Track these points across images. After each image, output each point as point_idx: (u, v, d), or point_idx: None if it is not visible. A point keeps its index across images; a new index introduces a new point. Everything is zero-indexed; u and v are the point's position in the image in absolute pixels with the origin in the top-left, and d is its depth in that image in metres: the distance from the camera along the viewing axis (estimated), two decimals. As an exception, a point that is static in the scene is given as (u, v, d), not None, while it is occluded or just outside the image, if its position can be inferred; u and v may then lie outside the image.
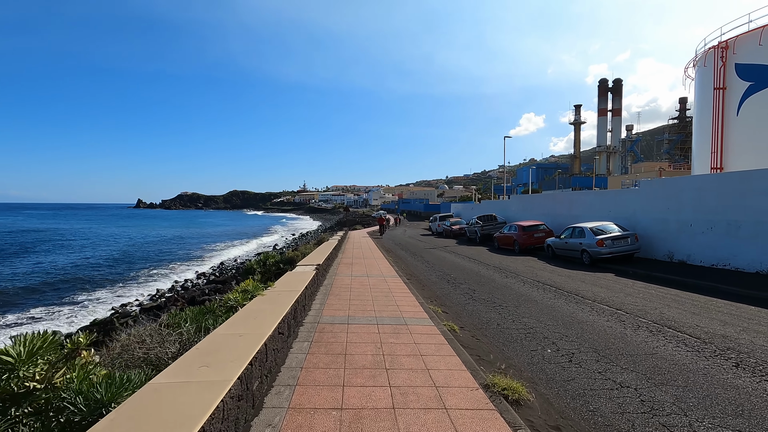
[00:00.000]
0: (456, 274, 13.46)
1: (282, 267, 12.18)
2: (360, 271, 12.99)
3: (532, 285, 11.31)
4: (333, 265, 14.17)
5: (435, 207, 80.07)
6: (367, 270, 13.32)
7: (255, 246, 52.49)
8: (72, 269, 36.41)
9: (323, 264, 10.78)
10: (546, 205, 24.24)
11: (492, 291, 10.51)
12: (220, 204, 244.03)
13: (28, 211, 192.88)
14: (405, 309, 7.67)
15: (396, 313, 7.31)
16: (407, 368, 4.62)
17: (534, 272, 13.75)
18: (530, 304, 8.85)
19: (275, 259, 12.47)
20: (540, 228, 20.74)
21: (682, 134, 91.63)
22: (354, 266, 14.29)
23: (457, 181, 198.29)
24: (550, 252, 18.18)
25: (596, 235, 15.38)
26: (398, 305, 7.99)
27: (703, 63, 25.86)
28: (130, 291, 28.73)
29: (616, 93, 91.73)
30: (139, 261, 41.34)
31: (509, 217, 27.70)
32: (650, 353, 5.63)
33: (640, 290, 10.34)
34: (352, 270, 13.26)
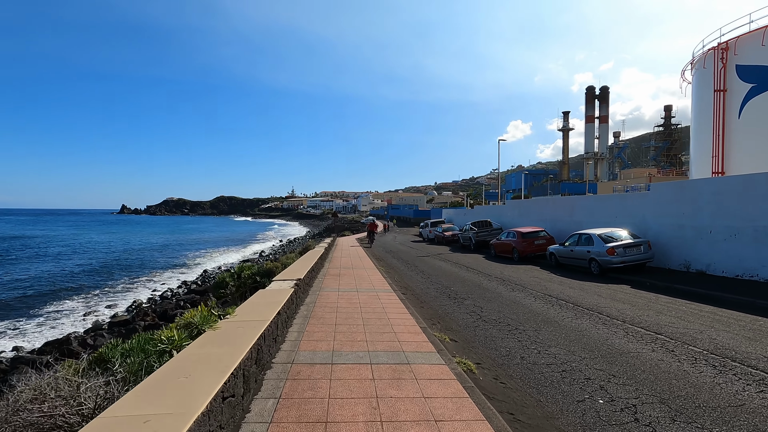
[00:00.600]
0: (457, 287, 11.96)
1: (259, 280, 10.55)
2: (348, 285, 11.42)
3: (544, 300, 9.87)
4: (318, 277, 12.57)
5: (425, 213, 78.82)
6: (356, 283, 11.75)
7: (240, 254, 50.50)
8: (45, 278, 34.15)
9: (305, 278, 9.20)
10: (544, 210, 22.99)
11: (501, 308, 9.03)
12: (207, 210, 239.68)
13: (8, 217, 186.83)
14: (405, 337, 6.13)
15: (394, 344, 5.76)
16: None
17: (541, 284, 12.33)
18: (551, 327, 7.38)
19: (251, 270, 10.84)
20: (540, 235, 19.41)
21: (668, 141, 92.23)
22: (342, 278, 12.71)
23: (446, 188, 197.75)
24: (553, 260, 16.83)
25: (606, 242, 14.06)
26: (396, 332, 6.44)
27: (702, 65, 25.01)
28: (103, 302, 26.84)
29: (603, 100, 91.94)
30: (119, 269, 39.18)
31: (505, 223, 26.40)
32: (737, 404, 4.19)
33: (668, 306, 8.96)
34: (339, 283, 11.67)
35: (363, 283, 11.83)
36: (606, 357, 5.74)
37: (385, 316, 7.50)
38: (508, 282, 12.84)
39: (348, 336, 6.11)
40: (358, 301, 8.88)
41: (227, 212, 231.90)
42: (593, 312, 8.52)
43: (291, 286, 7.39)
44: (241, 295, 10.86)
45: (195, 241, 70.76)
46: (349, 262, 18.13)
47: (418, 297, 10.47)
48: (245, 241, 70.81)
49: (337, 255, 21.03)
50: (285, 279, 8.17)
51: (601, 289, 11.34)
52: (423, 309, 8.93)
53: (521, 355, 5.89)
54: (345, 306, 8.38)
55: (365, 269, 15.36)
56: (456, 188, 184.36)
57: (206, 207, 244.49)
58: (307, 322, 6.89)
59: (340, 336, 6.11)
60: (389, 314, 7.71)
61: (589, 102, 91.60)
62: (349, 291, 10.26)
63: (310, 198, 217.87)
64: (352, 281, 12.07)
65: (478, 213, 33.03)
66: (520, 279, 13.41)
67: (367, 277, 13.23)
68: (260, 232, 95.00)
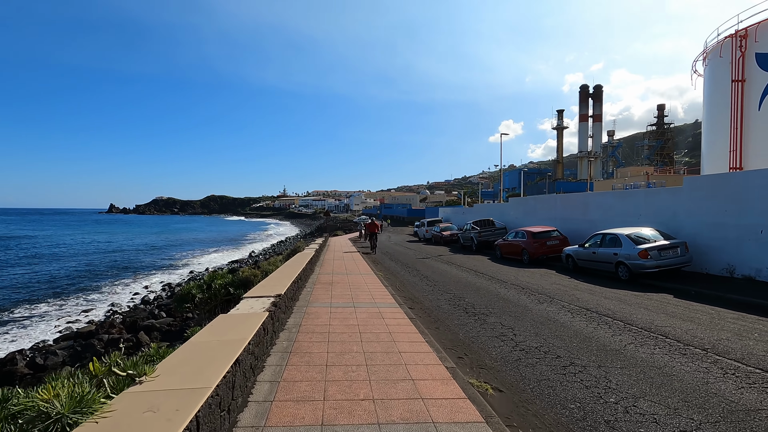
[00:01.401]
0: (471, 298, 9.99)
1: (233, 292, 8.48)
2: (343, 296, 9.38)
3: (583, 316, 7.94)
4: (307, 286, 10.52)
5: (419, 212, 76.94)
6: (352, 294, 9.72)
7: (229, 254, 48.21)
8: (24, 280, 31.73)
9: (288, 291, 7.15)
10: (553, 208, 21.14)
11: (537, 329, 7.07)
12: (197, 209, 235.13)
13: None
14: (428, 389, 4.13)
15: (416, 406, 3.74)
16: None
17: (567, 293, 10.42)
18: (618, 362, 5.42)
19: (224, 280, 8.76)
20: (553, 235, 17.54)
21: (661, 140, 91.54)
22: (335, 287, 10.66)
23: (438, 187, 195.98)
24: (570, 263, 14.96)
25: (637, 243, 12.20)
26: (414, 377, 4.43)
27: (718, 54, 23.35)
28: (82, 305, 24.88)
29: (597, 99, 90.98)
30: (103, 271, 36.89)
31: (508, 222, 24.54)
32: None
33: (742, 325, 7.08)
34: (332, 294, 9.63)
35: (360, 293, 9.81)
36: (730, 417, 3.80)
37: (395, 348, 5.48)
38: (528, 290, 10.90)
39: (345, 390, 4.07)
40: (356, 322, 6.85)
41: (218, 211, 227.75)
42: (656, 334, 6.59)
43: (266, 307, 5.35)
44: (210, 311, 8.77)
45: (184, 241, 68.12)
46: (342, 266, 16.08)
47: (429, 313, 8.47)
48: (235, 241, 68.33)
49: (329, 257, 18.97)
50: (260, 296, 6.12)
51: (642, 300, 9.46)
52: (439, 332, 6.94)
53: (605, 418, 3.93)
54: (339, 330, 6.35)
55: (361, 275, 13.33)
56: (448, 187, 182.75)
57: (197, 206, 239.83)
58: (287, 362, 4.84)
59: (334, 389, 4.07)
60: (399, 343, 5.70)
61: (583, 101, 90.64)
62: (343, 306, 8.23)
63: (302, 197, 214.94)
64: (347, 291, 10.03)
65: (479, 211, 31.15)
66: (541, 286, 11.48)
67: (365, 285, 11.21)
68: (251, 232, 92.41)
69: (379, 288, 10.74)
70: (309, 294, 9.52)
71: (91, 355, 12.46)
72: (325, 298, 9.10)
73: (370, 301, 8.90)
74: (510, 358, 5.64)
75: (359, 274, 13.41)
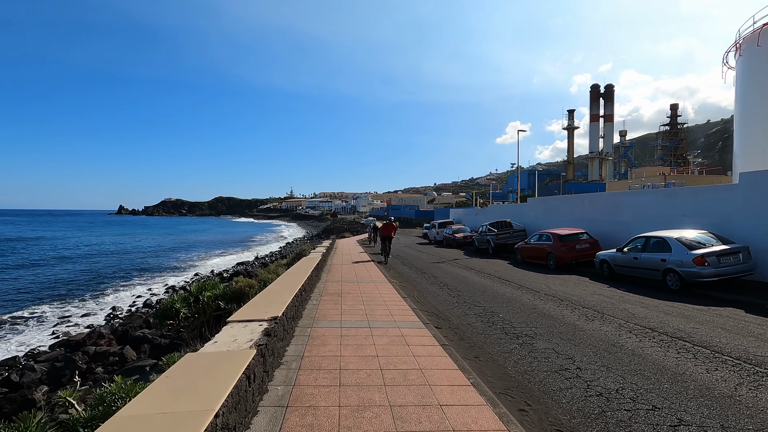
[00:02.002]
0: (506, 313, 8.41)
1: (223, 307, 7.02)
2: (355, 312, 7.88)
3: (654, 340, 6.33)
4: (312, 299, 9.02)
5: (427, 213, 75.34)
6: (366, 308, 8.20)
7: (235, 257, 47.02)
8: (29, 280, 30.80)
9: (288, 310, 5.66)
10: (578, 209, 19.47)
11: (607, 362, 5.47)
12: (205, 211, 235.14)
13: (3, 217, 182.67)
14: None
15: None
16: None
17: (617, 306, 8.81)
18: (751, 419, 3.86)
19: (214, 292, 7.31)
20: (582, 238, 15.91)
21: (675, 140, 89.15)
22: (345, 299, 9.15)
23: (445, 188, 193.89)
24: (606, 270, 13.34)
25: (691, 249, 10.56)
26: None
27: (755, 43, 21.56)
28: (82, 309, 23.95)
29: (608, 99, 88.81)
30: (109, 272, 35.86)
31: (527, 224, 22.91)
32: None
33: None
34: (342, 308, 8.12)
35: (375, 307, 8.28)
36: None
37: (433, 398, 3.94)
38: (569, 303, 9.31)
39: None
40: (374, 351, 5.33)
41: (225, 213, 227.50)
42: (766, 369, 5.01)
43: (254, 339, 3.85)
44: (198, 328, 7.30)
45: (191, 242, 67.18)
46: (352, 272, 14.58)
47: (461, 334, 6.91)
48: (241, 243, 67.20)
49: (336, 262, 17.48)
50: (250, 319, 4.63)
51: (712, 317, 7.84)
52: (482, 364, 5.38)
53: None
54: (354, 365, 4.82)
55: (374, 283, 11.80)
56: (456, 189, 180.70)
57: (204, 208, 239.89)
58: (281, 428, 3.34)
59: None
60: (437, 388, 4.16)
61: (594, 100, 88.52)
62: (357, 325, 6.71)
63: (309, 199, 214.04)
64: (360, 305, 8.51)
65: (493, 213, 29.51)
66: (581, 298, 9.89)
67: (379, 296, 9.68)
68: (258, 233, 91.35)
69: (396, 300, 9.21)
70: (315, 308, 8.01)
71: (71, 373, 11.08)
72: (334, 313, 7.59)
73: (387, 318, 7.38)
74: (590, 410, 4.07)
75: (371, 282, 11.89)
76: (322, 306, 8.26)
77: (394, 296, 9.65)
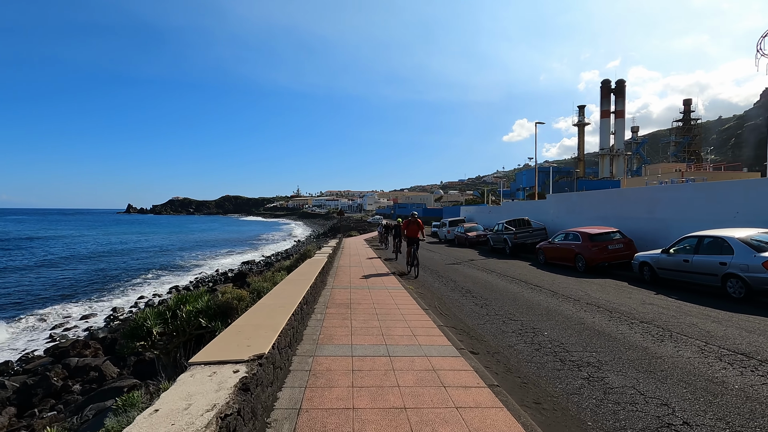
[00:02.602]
0: (553, 331, 6.85)
1: (205, 325, 5.58)
2: (369, 332, 6.37)
3: (764, 375, 4.81)
4: (316, 312, 7.55)
5: (435, 212, 73.76)
6: (381, 325, 6.70)
7: (238, 257, 45.89)
8: (34, 280, 29.84)
9: (280, 340, 4.19)
10: (605, 205, 17.82)
11: (723, 411, 3.92)
12: (212, 209, 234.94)
13: (14, 216, 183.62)
14: None
15: None
16: None
17: (680, 321, 7.23)
18: None
19: (196, 305, 5.88)
20: (615, 237, 14.29)
21: (689, 136, 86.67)
22: (355, 312, 7.66)
23: (452, 186, 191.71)
24: (647, 273, 11.74)
25: (759, 251, 8.96)
26: None
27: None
28: (82, 308, 23.42)
29: (619, 94, 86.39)
30: (114, 271, 34.92)
31: (547, 222, 21.30)
32: None
33: None
34: (351, 326, 6.63)
35: (393, 324, 6.78)
36: None
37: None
38: (620, 316, 7.74)
39: None
40: (399, 399, 3.82)
41: (233, 211, 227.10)
42: None
43: (215, 411, 2.38)
44: (174, 350, 5.86)
45: (197, 241, 66.20)
46: (361, 275, 13.11)
47: (507, 364, 5.37)
48: (247, 242, 66.07)
49: (344, 264, 16.01)
50: (223, 361, 3.16)
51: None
52: (550, 417, 3.87)
53: None
54: (375, 425, 3.35)
55: (387, 290, 10.31)
56: (462, 187, 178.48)
57: (211, 206, 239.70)
58: None
59: None
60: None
61: (605, 96, 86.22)
62: (372, 353, 5.22)
63: (315, 197, 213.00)
64: (374, 320, 7.01)
65: (509, 210, 27.87)
66: (631, 309, 8.31)
67: (395, 307, 8.19)
68: (264, 232, 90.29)
69: (417, 312, 7.70)
70: (319, 325, 6.54)
71: (43, 393, 9.75)
72: (343, 334, 6.10)
73: (410, 339, 5.88)
74: None
75: (384, 289, 10.40)
76: (327, 322, 6.78)
77: (412, 307, 8.15)
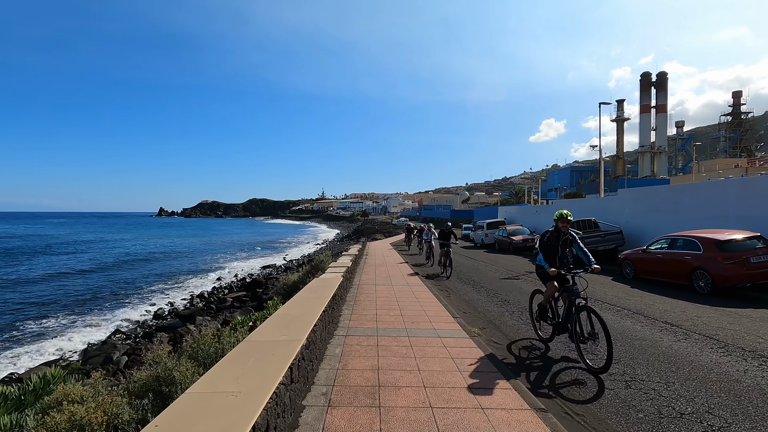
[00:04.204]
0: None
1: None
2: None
3: None
4: (312, 389, 3.68)
5: (463, 213, 69.06)
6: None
7: (259, 260, 42.88)
8: (56, 286, 27.17)
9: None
10: (715, 200, 13.24)
11: None
12: (240, 212, 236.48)
13: (56, 219, 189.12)
14: None
15: None
16: None
17: None
18: None
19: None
20: (756, 246, 9.80)
21: (740, 131, 78.87)
22: (388, 399, 3.74)
23: (477, 188, 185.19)
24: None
25: None
26: None
27: None
28: (90, 319, 19.61)
29: (660, 88, 79.20)
30: (132, 276, 31.99)
31: (620, 223, 16.81)
32: None
33: None
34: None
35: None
36: None
37: None
38: None
39: None
40: None
41: (259, 214, 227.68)
42: None
43: None
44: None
45: (222, 244, 64.00)
46: (392, 302, 9.15)
47: None
48: (268, 245, 63.25)
49: (367, 280, 12.11)
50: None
51: None
52: None
53: None
54: None
55: (438, 335, 6.31)
56: (488, 189, 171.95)
57: (239, 209, 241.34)
58: None
59: None
60: None
61: (644, 90, 79.26)
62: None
63: (340, 200, 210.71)
64: (429, 426, 3.07)
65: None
66: None
67: (461, 382, 4.20)
68: (287, 235, 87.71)
69: (506, 403, 3.69)
70: (330, 391, 2.65)
71: None
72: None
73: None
74: None
75: (434, 334, 6.40)
76: (336, 397, 2.87)
77: (493, 390, 4.13)
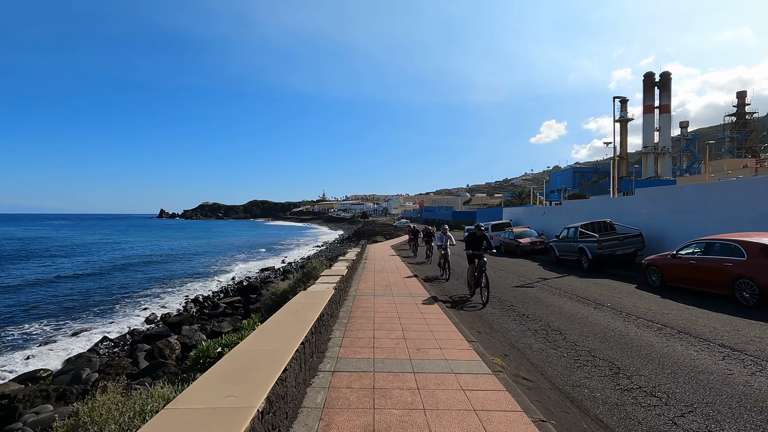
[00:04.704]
0: None
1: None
2: None
3: None
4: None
5: (465, 215, 67.66)
6: None
7: (259, 263, 41.57)
8: (46, 291, 25.77)
9: None
10: (750, 199, 11.91)
11: None
12: (240, 214, 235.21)
13: (58, 221, 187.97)
14: None
15: None
16: None
17: None
18: None
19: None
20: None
21: (745, 131, 77.46)
22: None
23: (478, 189, 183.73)
24: None
25: None
26: None
27: None
28: (80, 323, 18.38)
29: (664, 88, 77.78)
30: (131, 278, 30.64)
31: (639, 225, 15.45)
32: None
33: None
34: None
35: None
36: None
37: None
38: None
39: None
40: None
41: (260, 216, 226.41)
42: None
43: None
44: None
45: (221, 246, 62.66)
46: (395, 321, 7.79)
47: None
48: (269, 247, 61.94)
49: (365, 289, 10.74)
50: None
51: None
52: None
53: None
54: None
55: (454, 373, 4.96)
56: (490, 190, 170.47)
57: (240, 211, 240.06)
58: None
59: None
60: None
61: (647, 90, 77.84)
62: None
63: (341, 201, 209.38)
64: None
65: (575, 211, 21.89)
66: None
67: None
68: (287, 237, 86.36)
69: None
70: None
71: None
72: None
73: None
74: None
75: (444, 367, 5.04)
76: None
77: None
